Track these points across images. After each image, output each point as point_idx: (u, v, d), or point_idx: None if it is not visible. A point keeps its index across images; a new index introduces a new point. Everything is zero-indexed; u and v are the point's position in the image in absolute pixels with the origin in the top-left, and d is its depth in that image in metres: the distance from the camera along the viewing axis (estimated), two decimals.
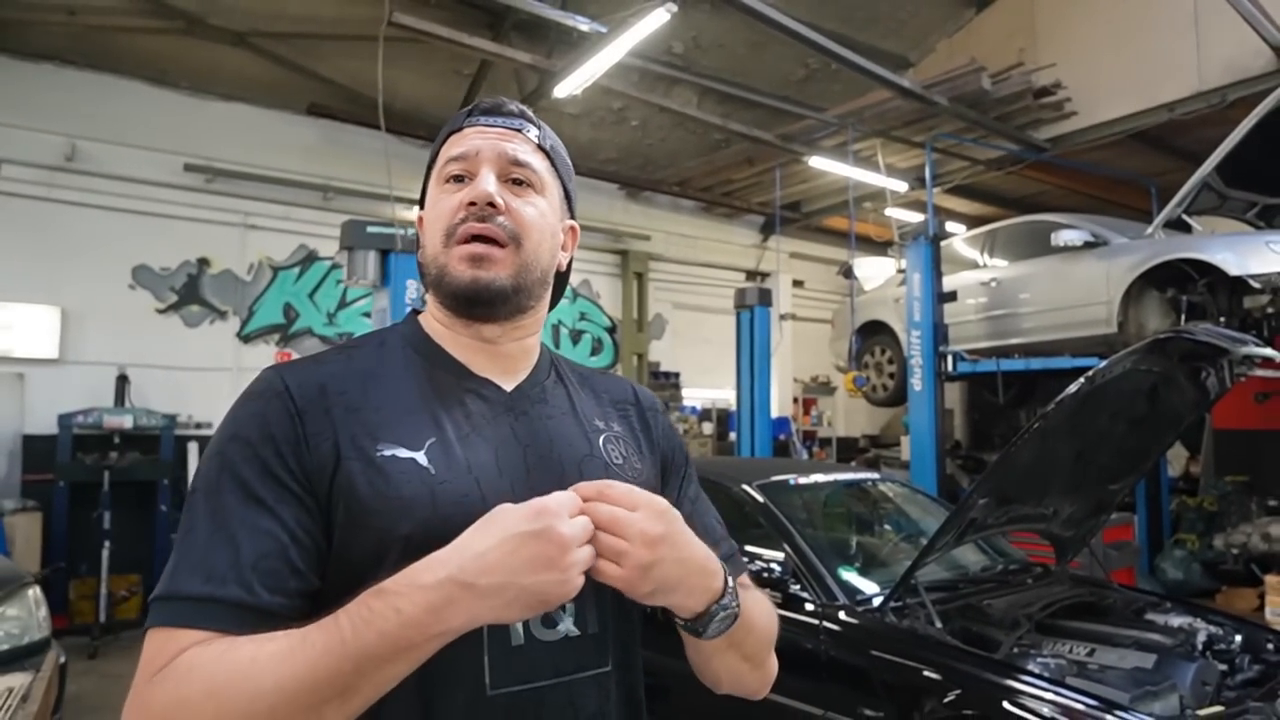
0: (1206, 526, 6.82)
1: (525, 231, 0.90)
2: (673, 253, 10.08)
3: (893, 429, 10.98)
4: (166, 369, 6.79)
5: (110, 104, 6.64)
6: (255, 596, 0.73)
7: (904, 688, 2.62)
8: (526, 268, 0.91)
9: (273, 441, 0.80)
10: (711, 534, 1.01)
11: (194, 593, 0.72)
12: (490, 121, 0.94)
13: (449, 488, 0.82)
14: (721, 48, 7.56)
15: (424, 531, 0.78)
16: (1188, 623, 3.02)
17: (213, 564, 0.74)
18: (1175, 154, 7.97)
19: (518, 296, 0.91)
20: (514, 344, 0.96)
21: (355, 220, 4.69)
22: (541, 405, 0.94)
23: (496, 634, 0.81)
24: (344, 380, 0.86)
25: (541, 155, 0.96)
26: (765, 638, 0.97)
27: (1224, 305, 5.06)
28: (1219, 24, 6.34)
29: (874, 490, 4.23)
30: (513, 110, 0.96)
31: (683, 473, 1.06)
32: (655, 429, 1.05)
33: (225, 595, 0.72)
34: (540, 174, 0.94)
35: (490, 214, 0.89)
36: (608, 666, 0.88)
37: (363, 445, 0.81)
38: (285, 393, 0.83)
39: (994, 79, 7.17)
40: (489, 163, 0.91)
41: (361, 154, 7.43)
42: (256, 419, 0.81)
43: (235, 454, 0.79)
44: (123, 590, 6.16)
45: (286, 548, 0.76)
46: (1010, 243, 6.76)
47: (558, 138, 1.02)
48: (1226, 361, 2.94)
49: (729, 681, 0.96)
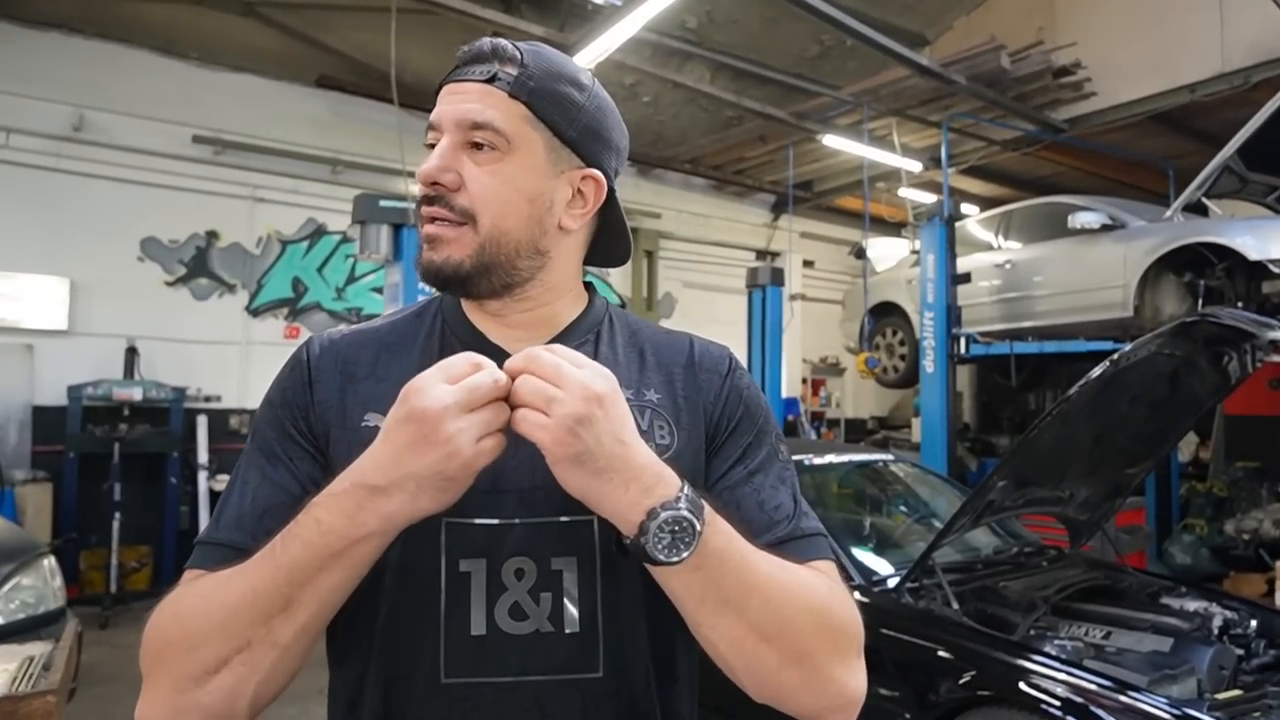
0: (1216, 512, 6.81)
1: (480, 206, 0.81)
2: (683, 231, 10.01)
3: (901, 411, 10.95)
4: (175, 342, 6.79)
5: (118, 74, 6.58)
6: (256, 543, 0.74)
7: (920, 667, 2.62)
8: (489, 244, 0.81)
9: (290, 405, 0.84)
10: (775, 512, 0.85)
11: (208, 537, 0.79)
12: (461, 75, 0.84)
13: None
14: (736, 23, 7.46)
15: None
16: (1203, 607, 3.02)
17: (228, 513, 0.80)
18: (1195, 136, 7.87)
19: (486, 276, 0.83)
20: (523, 314, 0.88)
21: (368, 194, 4.66)
22: None
23: (454, 621, 0.77)
24: (362, 349, 0.87)
25: (513, 104, 0.82)
26: (794, 614, 0.74)
27: (1243, 290, 5.00)
28: (1243, 3, 6.23)
29: (886, 471, 4.22)
30: (484, 51, 0.84)
31: (745, 440, 0.89)
32: (705, 393, 0.90)
33: (227, 539, 0.77)
34: (504, 131, 0.81)
35: (439, 193, 0.81)
36: (597, 673, 0.78)
37: (353, 415, 0.82)
38: (305, 361, 0.86)
39: (1013, 58, 7.07)
40: (449, 131, 0.82)
41: (371, 127, 7.37)
42: (281, 384, 0.86)
43: (262, 417, 0.86)
44: (133, 561, 6.20)
45: (296, 500, 0.76)
46: (1026, 225, 6.69)
47: (555, 65, 0.85)
48: (1251, 346, 2.91)
49: (744, 670, 0.75)
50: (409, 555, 0.77)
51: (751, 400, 0.93)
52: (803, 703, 0.77)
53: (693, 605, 0.73)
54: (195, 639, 0.70)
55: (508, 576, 0.78)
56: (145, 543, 6.29)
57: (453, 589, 0.77)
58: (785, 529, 0.83)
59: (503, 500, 0.79)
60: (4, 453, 5.99)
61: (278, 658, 0.70)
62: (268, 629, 0.69)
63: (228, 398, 6.97)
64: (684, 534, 0.68)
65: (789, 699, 0.76)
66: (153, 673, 0.72)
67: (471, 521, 0.78)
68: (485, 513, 0.79)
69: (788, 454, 0.94)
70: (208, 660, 0.69)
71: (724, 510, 0.77)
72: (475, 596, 0.78)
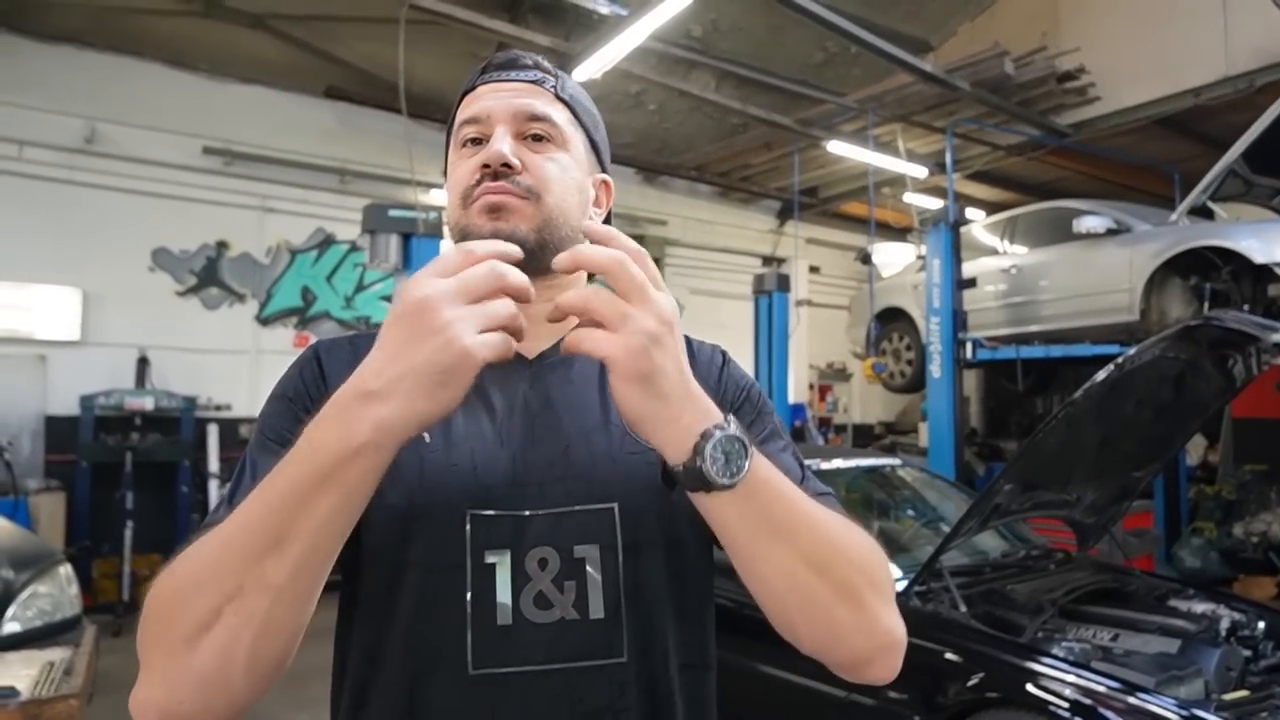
0: (1225, 515, 6.79)
1: (546, 186, 0.85)
2: (689, 238, 10.05)
3: (908, 415, 10.95)
4: (186, 351, 6.85)
5: (129, 86, 6.67)
6: None
7: (927, 671, 2.63)
8: (551, 221, 0.85)
9: (303, 399, 0.83)
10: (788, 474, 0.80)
11: (213, 520, 0.74)
12: (504, 76, 0.89)
13: (438, 456, 0.80)
14: (740, 31, 7.50)
15: (408, 501, 0.78)
16: (1211, 609, 3.02)
17: (238, 497, 0.75)
18: (1200, 140, 7.87)
19: (543, 251, 0.83)
20: (546, 304, 0.84)
21: (377, 204, 4.71)
22: (563, 370, 0.89)
23: (480, 613, 0.77)
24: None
25: (562, 106, 0.90)
26: (842, 547, 0.75)
27: (1248, 293, 5.01)
28: (1248, 7, 6.24)
29: (894, 476, 4.23)
30: (527, 62, 0.91)
31: (749, 416, 0.91)
32: (708, 380, 0.91)
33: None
34: (561, 126, 0.88)
35: (506, 174, 0.83)
36: (622, 658, 0.79)
37: None
38: (316, 359, 0.87)
39: (1017, 63, 7.10)
40: (503, 121, 0.86)
41: (379, 137, 7.44)
42: (292, 379, 0.86)
43: (272, 410, 0.85)
44: (145, 570, 6.23)
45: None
46: (1031, 229, 6.71)
47: (580, 86, 0.95)
48: (1255, 349, 2.93)
49: (799, 606, 0.74)
50: (433, 550, 0.78)
51: (750, 386, 0.96)
52: (855, 645, 0.76)
53: (746, 537, 0.72)
54: (186, 592, 0.66)
55: (531, 566, 0.79)
56: (157, 551, 6.33)
57: (478, 581, 0.78)
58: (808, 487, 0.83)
59: (525, 492, 0.81)
60: (17, 462, 6.04)
61: (271, 604, 0.65)
62: (260, 569, 0.64)
63: (238, 406, 7.02)
64: (737, 455, 0.67)
65: (842, 640, 0.76)
66: (146, 648, 0.68)
67: (496, 513, 0.79)
68: (509, 505, 0.80)
69: (788, 435, 0.96)
70: (199, 613, 0.65)
71: None
72: (501, 587, 0.78)
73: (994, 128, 7.76)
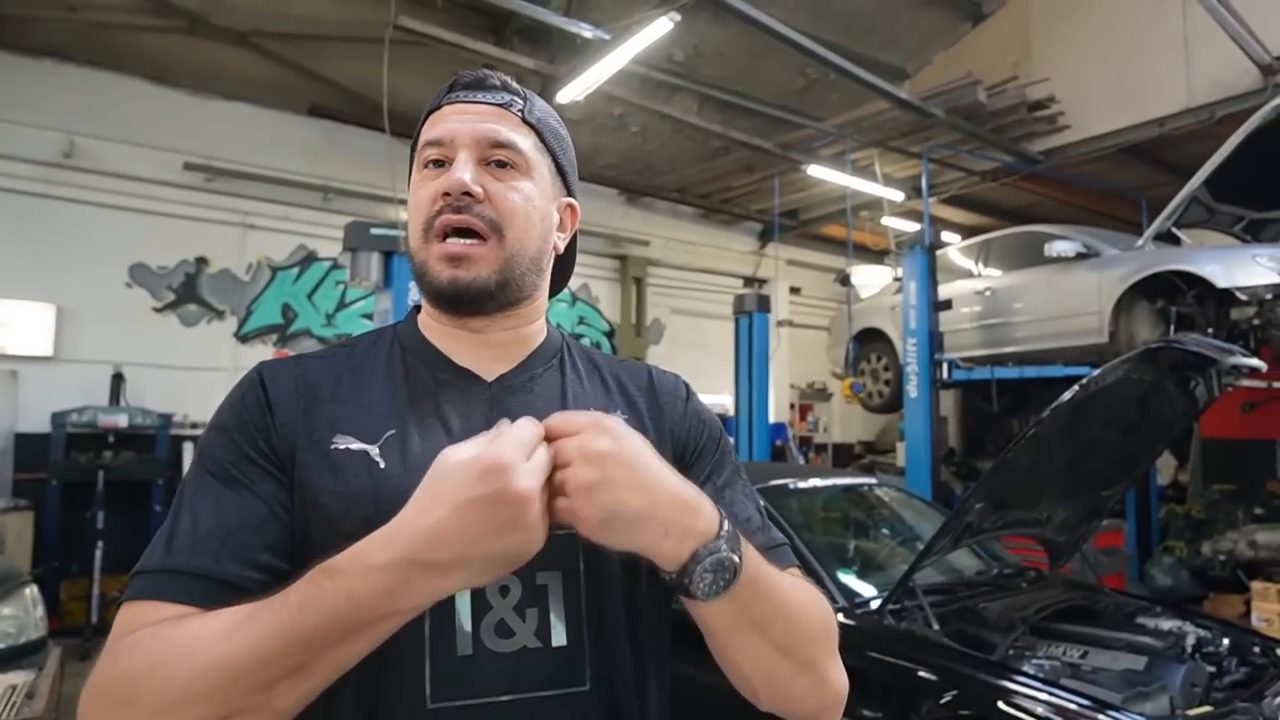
0: (1195, 534, 6.90)
1: (508, 219, 0.83)
2: (671, 258, 10.13)
3: (888, 435, 11.04)
4: (163, 368, 6.78)
5: (110, 101, 6.64)
6: (221, 567, 0.71)
7: (902, 689, 2.66)
8: (512, 259, 0.84)
9: (247, 428, 0.80)
10: (746, 525, 0.87)
11: (160, 565, 0.72)
12: (470, 97, 0.87)
13: (396, 483, 0.75)
14: (722, 56, 7.63)
15: (365, 529, 0.70)
16: (1177, 626, 3.07)
17: (182, 537, 0.73)
18: (1165, 168, 8.09)
19: (504, 291, 0.85)
20: (505, 332, 0.89)
21: (359, 222, 4.73)
22: (523, 395, 0.87)
23: (440, 643, 0.75)
24: (320, 374, 0.85)
25: (528, 131, 0.87)
26: (807, 627, 0.79)
27: (1212, 317, 5.13)
28: (1207, 42, 6.45)
29: (871, 495, 4.28)
30: (495, 83, 0.88)
31: (711, 459, 0.93)
32: (669, 415, 0.93)
33: (189, 566, 0.71)
34: (526, 153, 0.86)
35: (467, 203, 0.82)
36: (584, 686, 0.78)
37: (320, 438, 0.80)
38: (259, 384, 0.83)
39: (989, 92, 7.27)
40: (467, 146, 0.84)
41: (362, 155, 7.45)
42: (234, 408, 0.82)
43: (213, 441, 0.80)
44: (115, 591, 6.12)
45: (263, 521, 0.75)
46: (1004, 253, 6.84)
47: (549, 108, 0.93)
48: (1215, 371, 3.01)
49: (765, 684, 0.79)
50: None
51: (711, 422, 0.97)
52: (808, 706, 0.81)
53: (724, 633, 0.75)
54: (173, 699, 0.62)
55: (493, 594, 0.77)
56: (129, 572, 6.21)
57: (437, 610, 0.73)
58: (759, 540, 0.85)
59: None
60: None
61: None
62: (268, 695, 0.62)
63: None
64: (724, 572, 0.69)
65: (797, 703, 0.81)
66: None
67: None
68: None
69: (745, 474, 0.98)
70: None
71: None
72: (461, 616, 0.76)
73: (968, 154, 7.93)
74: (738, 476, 0.95)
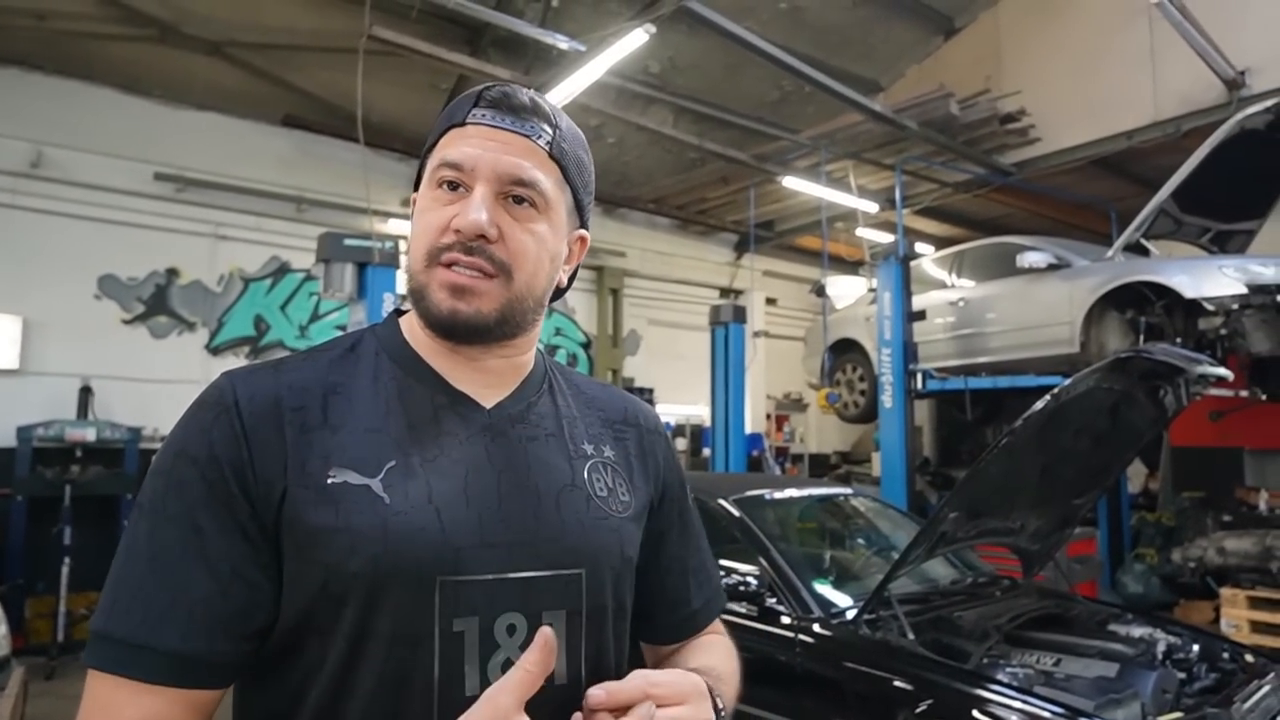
0: (1165, 541, 6.99)
1: (519, 262, 0.81)
2: (648, 269, 10.15)
3: (863, 445, 11.11)
4: (132, 381, 6.67)
5: (79, 110, 6.55)
6: (191, 646, 0.70)
7: (877, 698, 2.66)
8: (516, 300, 0.82)
9: (217, 463, 0.74)
10: (697, 574, 0.99)
11: (132, 637, 0.70)
12: (497, 121, 0.81)
13: (404, 520, 0.74)
14: (698, 68, 7.68)
15: (373, 568, 0.72)
16: (1148, 633, 3.11)
17: (150, 604, 0.71)
18: (1134, 180, 8.24)
19: (503, 327, 0.82)
20: (501, 360, 0.87)
21: (333, 233, 4.68)
22: (523, 426, 0.86)
23: (448, 682, 0.74)
24: (302, 393, 0.79)
25: (552, 166, 0.83)
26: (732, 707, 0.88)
27: (1180, 326, 5.21)
28: (1174, 57, 6.60)
29: (846, 505, 4.30)
30: (524, 104, 0.82)
31: (678, 507, 0.99)
32: (656, 455, 0.97)
33: (162, 645, 0.70)
34: (546, 193, 0.82)
35: (479, 245, 0.79)
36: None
37: (312, 471, 0.75)
38: (234, 408, 0.76)
39: (961, 105, 7.37)
40: (487, 179, 0.79)
41: (336, 166, 7.41)
42: (204, 436, 0.76)
43: (181, 473, 0.75)
44: (82, 609, 5.99)
45: (227, 589, 0.72)
46: (977, 264, 6.91)
47: (576, 130, 0.89)
48: (1183, 380, 3.05)
49: None
50: (400, 620, 0.73)
51: (679, 466, 1.03)
52: None
53: None
54: None
55: (500, 633, 0.76)
56: (96, 589, 6.07)
57: (446, 650, 0.74)
58: (711, 589, 0.98)
59: (494, 554, 0.77)
60: None
61: None
62: None
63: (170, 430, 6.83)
64: None
65: None
66: None
67: (465, 579, 0.75)
68: (478, 569, 0.76)
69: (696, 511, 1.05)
70: None
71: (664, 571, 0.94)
72: (470, 656, 0.75)
73: (941, 166, 8.02)
74: (693, 520, 1.02)
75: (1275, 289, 4.88)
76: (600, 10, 6.60)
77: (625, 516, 0.88)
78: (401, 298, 4.84)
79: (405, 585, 0.73)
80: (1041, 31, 7.81)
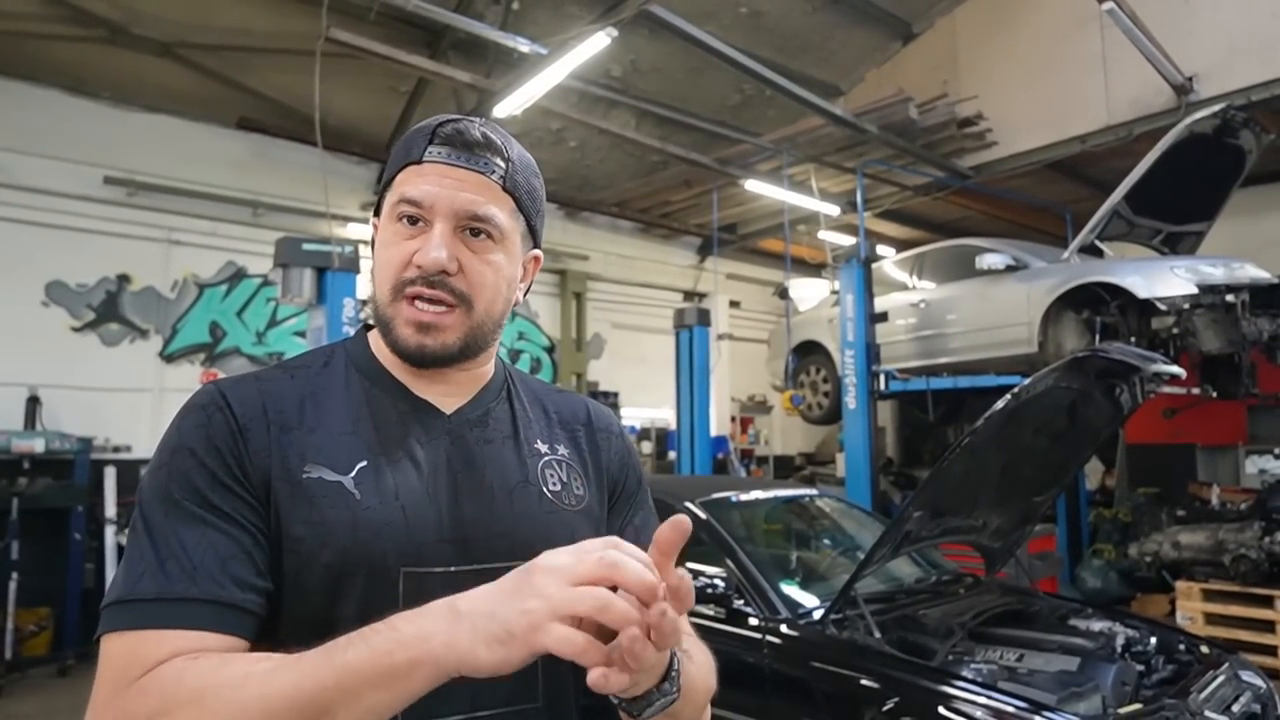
0: (1122, 537, 7.14)
1: (478, 293, 0.87)
2: (611, 273, 10.13)
3: (828, 446, 11.21)
4: (82, 390, 6.47)
5: (24, 113, 6.35)
6: (227, 593, 0.73)
7: (845, 697, 2.67)
8: (477, 326, 0.89)
9: (218, 453, 0.79)
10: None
11: (163, 593, 0.72)
12: (452, 159, 0.86)
13: (372, 514, 0.81)
14: (659, 72, 7.69)
15: (342, 559, 0.78)
16: (1107, 627, 3.17)
17: (178, 566, 0.73)
18: (1088, 183, 8.44)
19: (466, 353, 0.90)
20: (462, 373, 0.94)
21: (290, 237, 4.59)
22: (480, 429, 0.92)
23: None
24: (282, 400, 0.86)
25: (506, 198, 0.89)
26: (703, 701, 0.87)
27: (1134, 326, 5.33)
28: (1125, 64, 6.77)
29: (812, 506, 4.32)
30: (477, 139, 0.87)
31: (634, 500, 1.03)
32: (606, 452, 1.01)
33: (196, 593, 0.72)
34: (501, 225, 0.88)
35: (440, 280, 0.85)
36: (538, 702, 0.86)
37: (291, 467, 0.81)
38: (227, 408, 0.82)
39: (920, 109, 7.48)
40: (444, 217, 0.85)
41: (293, 169, 7.27)
42: (201, 430, 0.81)
43: (183, 464, 0.79)
44: (31, 625, 5.79)
45: (250, 548, 0.77)
46: (937, 266, 7.01)
47: (526, 157, 0.93)
48: (1138, 378, 3.12)
49: None
50: (365, 607, 0.76)
51: (636, 464, 1.07)
52: None
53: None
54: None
55: None
56: (45, 604, 5.90)
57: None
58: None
59: (453, 548, 0.84)
60: None
61: None
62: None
63: (138, 448, 6.65)
64: (670, 703, 0.73)
65: None
66: None
67: (427, 570, 0.81)
68: (438, 561, 0.82)
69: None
70: None
71: None
72: None
73: (901, 169, 8.13)
74: (653, 517, 1.03)
75: (1225, 289, 5.02)
76: (561, 13, 6.57)
77: (578, 510, 0.93)
78: (363, 303, 4.76)
79: (372, 575, 0.79)
80: (997, 37, 7.96)
